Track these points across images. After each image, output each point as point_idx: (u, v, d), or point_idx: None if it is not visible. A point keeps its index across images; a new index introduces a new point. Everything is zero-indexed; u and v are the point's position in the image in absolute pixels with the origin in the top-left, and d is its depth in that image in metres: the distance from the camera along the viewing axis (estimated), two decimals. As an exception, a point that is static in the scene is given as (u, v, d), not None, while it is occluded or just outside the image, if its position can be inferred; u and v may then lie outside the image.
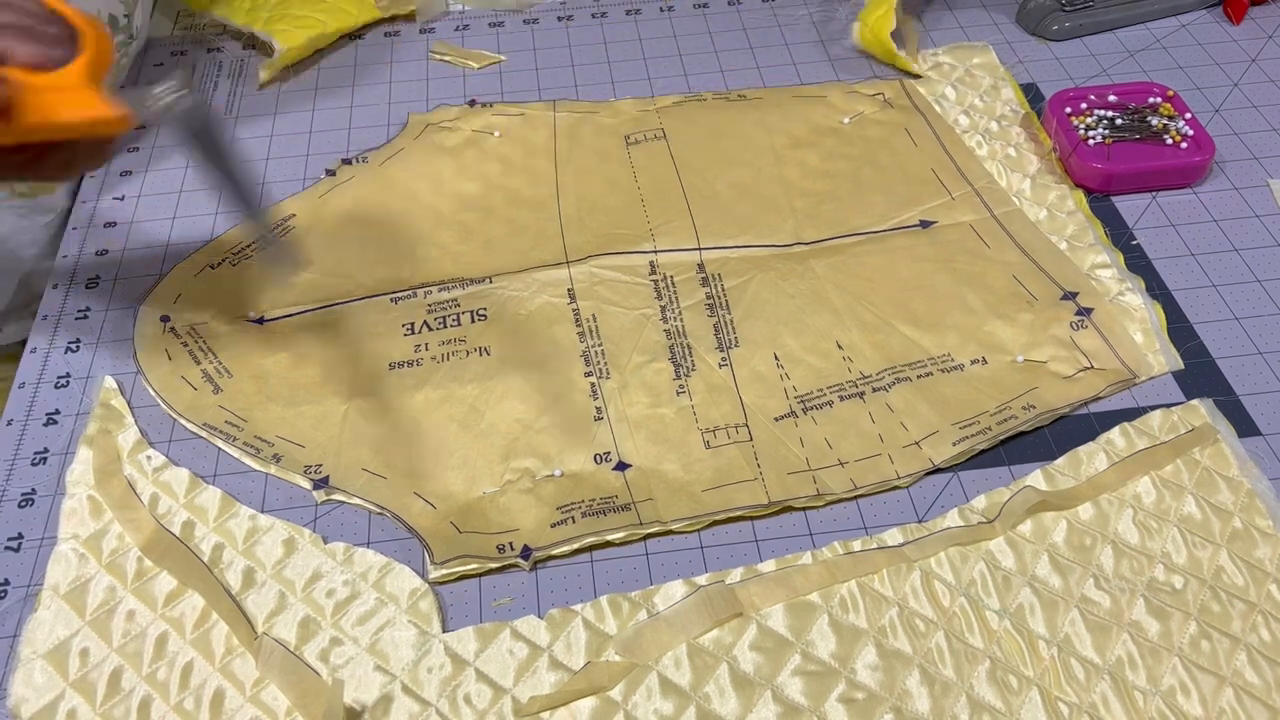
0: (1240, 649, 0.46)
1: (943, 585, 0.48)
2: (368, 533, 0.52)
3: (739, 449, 0.54)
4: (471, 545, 0.51)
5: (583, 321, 0.60)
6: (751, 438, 0.55)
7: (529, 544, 0.50)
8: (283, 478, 0.54)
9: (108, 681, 0.47)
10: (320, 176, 0.71)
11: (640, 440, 0.54)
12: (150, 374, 0.59)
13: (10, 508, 0.54)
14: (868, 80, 0.77)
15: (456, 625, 0.48)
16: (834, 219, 0.66)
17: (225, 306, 0.62)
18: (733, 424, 0.55)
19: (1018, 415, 0.55)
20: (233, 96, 0.79)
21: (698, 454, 0.54)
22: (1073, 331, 0.58)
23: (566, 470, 0.53)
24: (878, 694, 0.45)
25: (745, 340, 0.59)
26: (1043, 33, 0.80)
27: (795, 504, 0.52)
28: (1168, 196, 0.67)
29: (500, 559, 0.50)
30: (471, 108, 0.76)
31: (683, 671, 0.46)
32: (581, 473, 0.53)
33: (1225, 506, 0.50)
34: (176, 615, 0.49)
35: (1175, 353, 0.57)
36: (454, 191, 0.69)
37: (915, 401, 0.56)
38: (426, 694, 0.46)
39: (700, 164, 0.70)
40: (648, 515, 0.51)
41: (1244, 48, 0.79)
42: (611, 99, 0.77)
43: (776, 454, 0.54)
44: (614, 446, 0.54)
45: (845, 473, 0.53)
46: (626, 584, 0.50)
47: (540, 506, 0.52)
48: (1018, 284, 0.61)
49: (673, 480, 0.53)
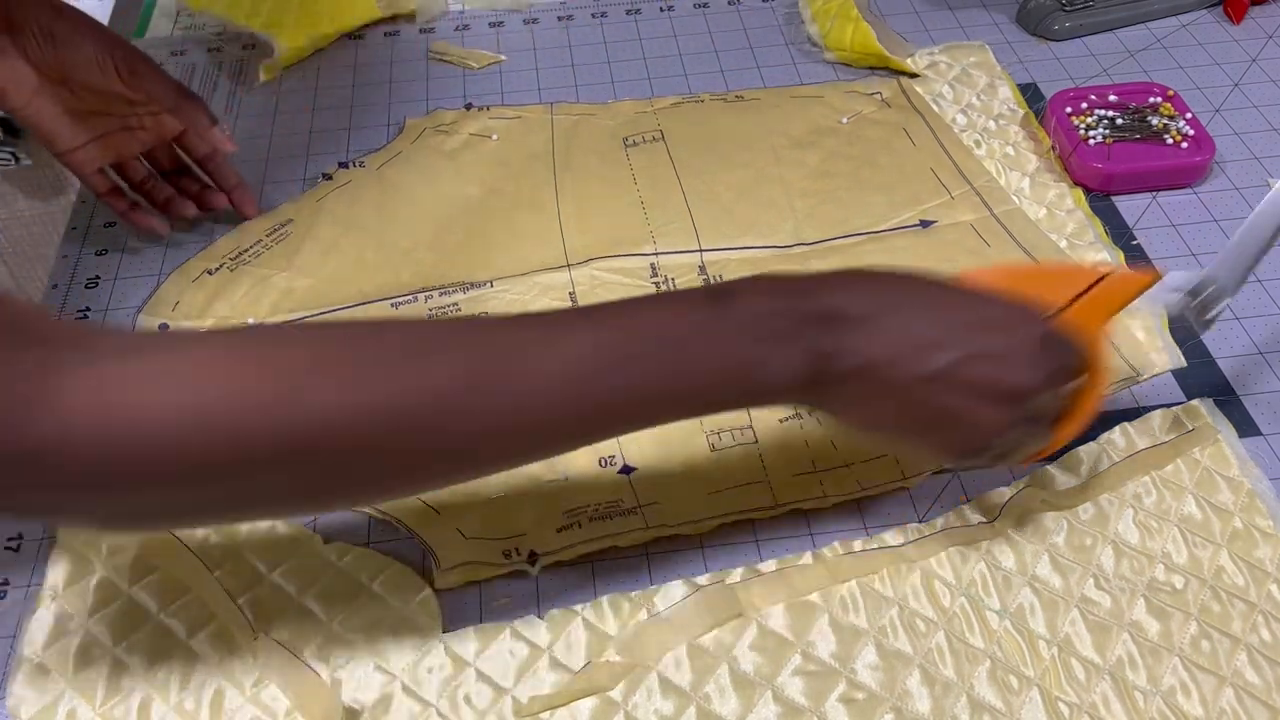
0: (1240, 649, 0.46)
1: (943, 585, 0.48)
2: (368, 533, 0.52)
3: (744, 451, 0.54)
4: (477, 551, 0.50)
5: None
6: (756, 439, 0.54)
7: (535, 549, 0.50)
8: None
9: (107, 681, 0.47)
10: (319, 179, 0.71)
11: (644, 443, 0.54)
12: None
13: (10, 508, 0.54)
14: (865, 80, 0.77)
15: (456, 625, 0.48)
16: (834, 219, 0.66)
17: (224, 313, 0.62)
18: (737, 426, 0.55)
19: None
20: (233, 96, 0.79)
21: (703, 456, 0.54)
22: None
23: (571, 474, 0.53)
24: (878, 694, 0.45)
25: None
26: (1043, 32, 0.80)
27: (802, 505, 0.52)
28: (1168, 196, 0.67)
29: (507, 564, 0.50)
30: (468, 111, 0.76)
31: (683, 671, 0.46)
32: (586, 477, 0.53)
33: (1225, 506, 0.50)
34: (176, 615, 0.49)
35: (1178, 350, 0.57)
36: (453, 194, 0.69)
37: None
38: (426, 694, 0.46)
39: (699, 165, 0.70)
40: (654, 519, 0.51)
41: (1244, 48, 0.79)
42: (610, 100, 0.77)
43: (782, 456, 0.54)
44: (618, 450, 0.54)
45: (851, 474, 0.53)
46: (626, 584, 0.50)
47: (546, 511, 0.52)
48: None
49: (678, 483, 0.53)
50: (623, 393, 0.40)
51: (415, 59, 0.82)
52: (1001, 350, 0.42)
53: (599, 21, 0.85)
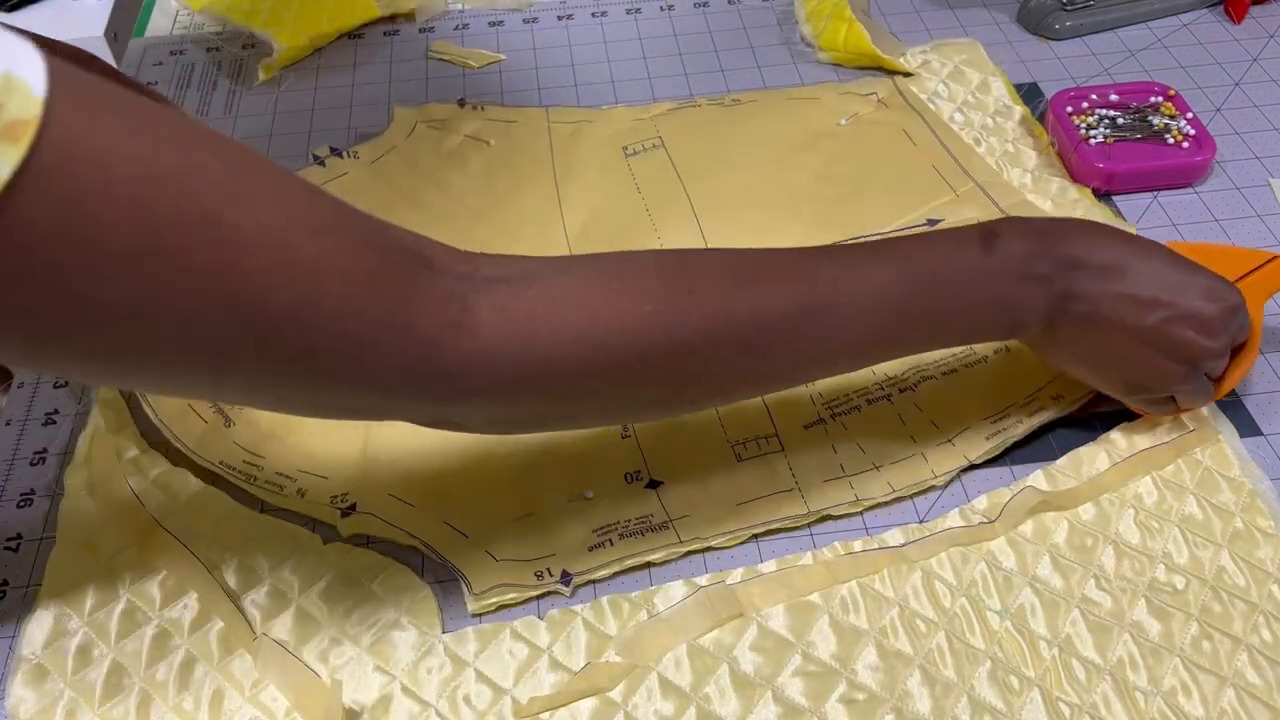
0: (1241, 649, 0.46)
1: (944, 585, 0.48)
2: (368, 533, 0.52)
3: (772, 459, 0.54)
4: (509, 573, 0.49)
5: None
6: (783, 448, 0.54)
7: (567, 569, 0.50)
8: (309, 514, 0.52)
9: (107, 681, 0.47)
10: (309, 161, 0.71)
11: (670, 456, 0.54)
12: (159, 409, 0.56)
13: (10, 508, 0.54)
14: (860, 80, 0.77)
15: (456, 625, 0.48)
16: (842, 222, 0.66)
17: None
18: (762, 435, 0.55)
19: (1047, 406, 0.55)
20: (232, 96, 0.79)
21: (730, 466, 0.53)
22: None
23: (597, 491, 0.52)
24: (878, 695, 0.45)
25: None
26: (1044, 32, 0.80)
27: (834, 512, 0.51)
28: (1169, 196, 0.67)
29: (539, 585, 0.49)
30: (461, 108, 0.75)
31: (683, 672, 0.46)
32: (613, 492, 0.52)
33: (1226, 507, 0.50)
34: (176, 615, 0.49)
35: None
36: (456, 198, 0.69)
37: (943, 398, 0.55)
38: (426, 694, 0.46)
39: (702, 170, 0.70)
40: (687, 532, 0.51)
41: (1245, 47, 0.79)
42: (606, 105, 0.76)
43: (811, 462, 0.53)
44: (644, 464, 0.54)
45: (882, 476, 0.52)
46: (626, 584, 0.50)
47: (576, 529, 0.51)
48: None
49: (707, 495, 0.52)
50: (914, 322, 0.46)
51: (415, 58, 0.82)
52: (1203, 316, 0.48)
53: (599, 21, 0.85)
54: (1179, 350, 0.48)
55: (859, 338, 0.45)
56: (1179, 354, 0.48)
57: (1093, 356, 0.50)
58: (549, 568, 0.50)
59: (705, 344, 0.41)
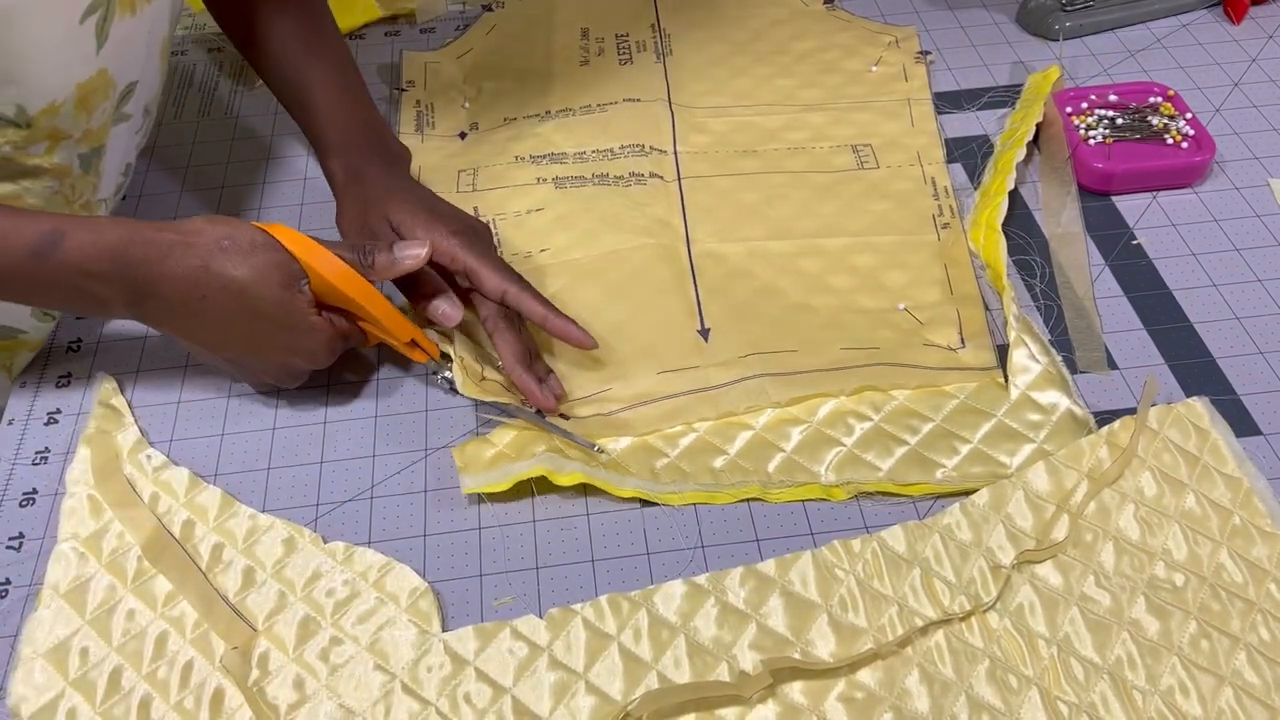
0: (1239, 648, 0.46)
1: (943, 584, 0.48)
2: (368, 532, 0.52)
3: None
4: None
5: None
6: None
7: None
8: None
9: (108, 680, 0.47)
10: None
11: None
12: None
13: (11, 507, 0.54)
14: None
15: (456, 624, 0.48)
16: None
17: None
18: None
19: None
20: (233, 96, 0.79)
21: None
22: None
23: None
24: (877, 693, 0.45)
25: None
26: (1044, 32, 0.80)
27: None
28: (1168, 196, 0.67)
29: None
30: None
31: (682, 671, 0.46)
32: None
33: (1224, 503, 0.50)
34: (176, 614, 0.49)
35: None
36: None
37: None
38: (426, 693, 0.46)
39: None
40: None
41: (1244, 47, 0.79)
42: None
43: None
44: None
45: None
46: (627, 584, 0.50)
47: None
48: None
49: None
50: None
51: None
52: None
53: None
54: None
55: None
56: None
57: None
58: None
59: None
